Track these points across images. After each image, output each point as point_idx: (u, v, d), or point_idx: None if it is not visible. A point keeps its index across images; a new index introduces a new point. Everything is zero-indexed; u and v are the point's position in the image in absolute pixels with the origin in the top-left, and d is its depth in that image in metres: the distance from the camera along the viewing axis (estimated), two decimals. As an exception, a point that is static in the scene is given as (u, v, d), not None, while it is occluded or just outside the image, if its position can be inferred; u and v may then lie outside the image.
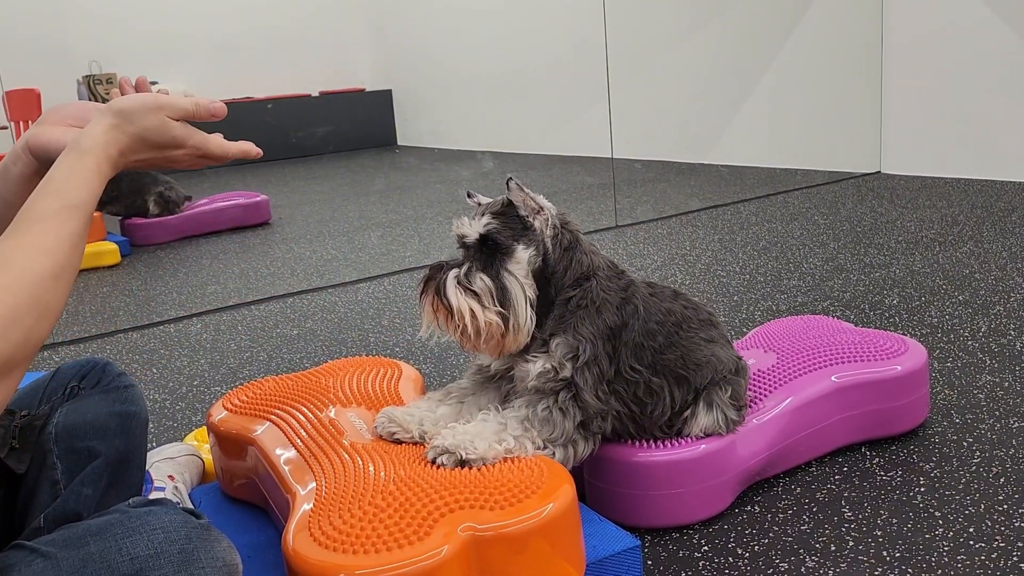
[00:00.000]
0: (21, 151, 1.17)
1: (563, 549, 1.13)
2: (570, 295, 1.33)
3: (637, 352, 1.36)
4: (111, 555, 0.90)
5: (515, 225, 1.31)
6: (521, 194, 1.30)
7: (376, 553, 1.03)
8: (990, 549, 1.32)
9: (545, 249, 1.32)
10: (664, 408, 1.40)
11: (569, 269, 1.34)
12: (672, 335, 1.41)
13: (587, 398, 1.30)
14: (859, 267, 2.99)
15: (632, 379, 1.36)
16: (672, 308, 1.43)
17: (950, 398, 1.87)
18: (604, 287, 1.35)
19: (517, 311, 1.28)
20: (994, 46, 4.34)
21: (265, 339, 2.74)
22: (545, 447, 1.28)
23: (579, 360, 1.30)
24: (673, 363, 1.40)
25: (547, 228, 1.33)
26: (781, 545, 1.38)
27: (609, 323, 1.33)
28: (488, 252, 1.30)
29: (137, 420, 1.39)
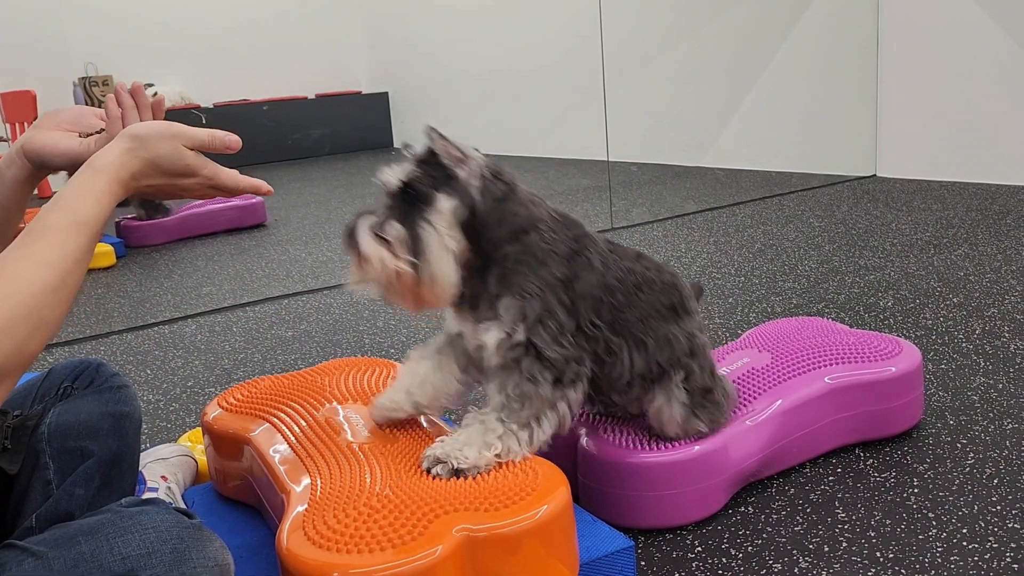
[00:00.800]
0: (16, 155, 1.17)
1: (557, 550, 1.13)
2: (507, 251, 1.26)
3: (596, 307, 1.31)
4: (103, 554, 0.90)
5: (438, 174, 1.24)
6: (442, 142, 1.23)
7: (371, 553, 1.02)
8: (983, 550, 1.32)
9: (472, 200, 1.25)
10: (623, 370, 1.35)
11: (503, 222, 1.26)
12: (632, 295, 1.35)
13: (550, 354, 1.24)
14: (854, 269, 2.99)
15: (592, 335, 1.31)
16: (633, 268, 1.37)
17: (944, 400, 1.87)
18: (546, 239, 1.28)
19: (431, 261, 1.21)
20: (990, 50, 4.35)
21: (260, 340, 2.74)
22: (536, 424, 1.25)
23: (529, 319, 1.24)
24: (632, 324, 1.35)
25: (473, 178, 1.25)
26: (775, 546, 1.38)
27: (558, 275, 1.27)
28: (408, 201, 1.23)
29: (130, 421, 1.38)
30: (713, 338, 2.40)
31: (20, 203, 1.21)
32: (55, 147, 1.17)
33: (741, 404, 1.55)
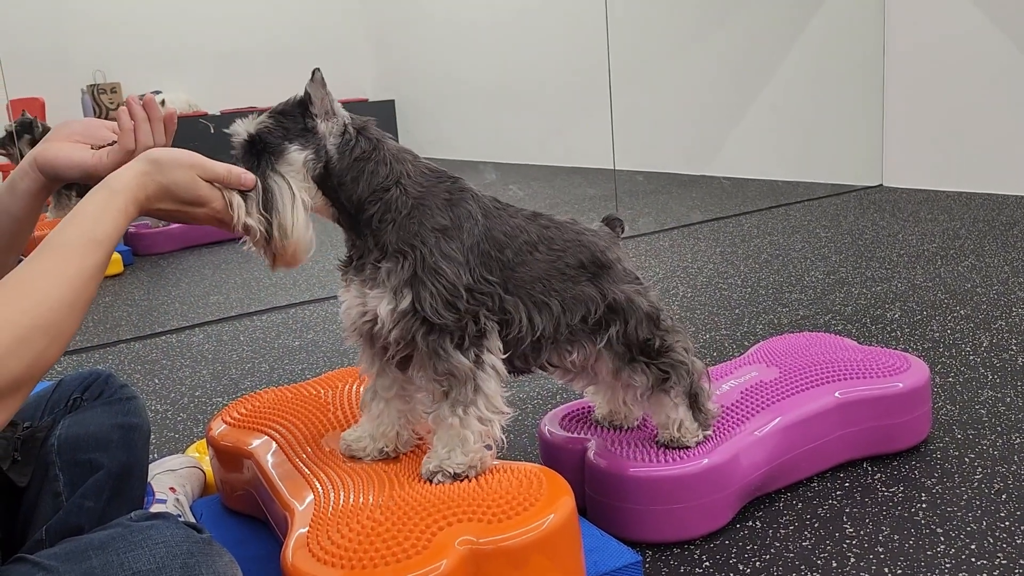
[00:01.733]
0: (29, 167, 1.18)
1: (562, 562, 1.13)
2: (371, 211, 1.22)
3: (484, 260, 1.24)
4: (113, 569, 0.90)
5: (292, 126, 1.20)
6: (322, 91, 1.19)
7: (375, 568, 1.03)
8: (992, 566, 1.32)
9: (327, 154, 1.20)
10: (521, 334, 1.28)
11: (361, 180, 1.22)
12: (523, 252, 1.29)
13: (437, 321, 1.19)
14: (861, 281, 2.99)
15: (486, 290, 1.24)
16: (524, 226, 1.31)
17: (952, 413, 1.86)
18: (413, 193, 1.22)
19: (283, 214, 1.16)
20: (996, 60, 4.35)
21: (267, 350, 2.74)
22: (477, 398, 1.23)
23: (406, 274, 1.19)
24: (528, 285, 1.29)
25: (333, 135, 1.21)
26: (782, 561, 1.38)
27: (433, 225, 1.21)
28: (256, 153, 1.19)
29: (139, 433, 1.39)
30: (719, 349, 2.40)
31: (33, 214, 1.22)
32: (68, 159, 1.18)
33: (749, 416, 1.55)
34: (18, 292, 0.89)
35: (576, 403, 1.69)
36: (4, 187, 1.20)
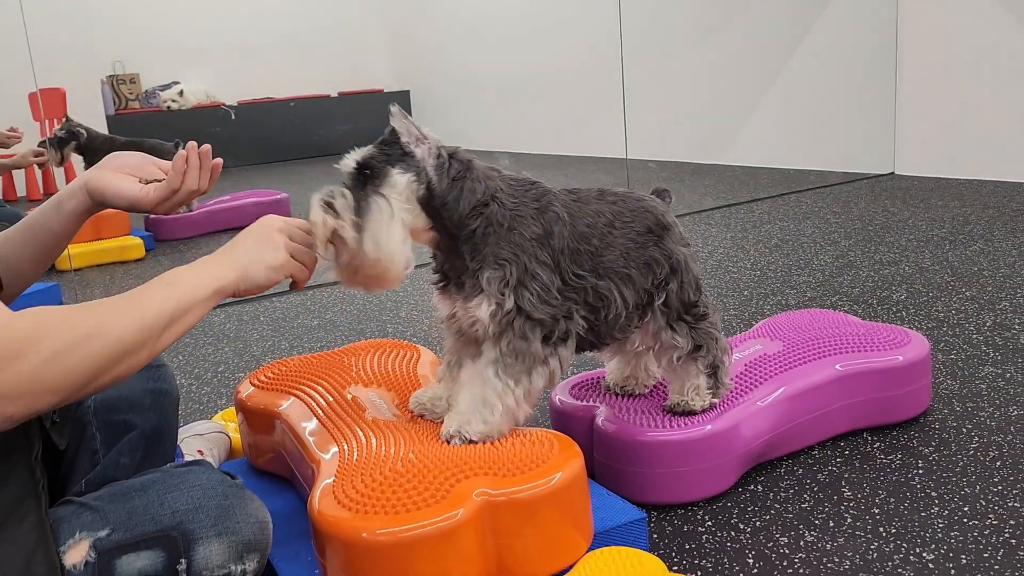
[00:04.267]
0: (79, 189, 1.29)
1: (571, 516, 1.20)
2: (473, 226, 1.30)
3: (575, 257, 1.35)
4: (154, 508, 0.98)
5: (394, 152, 1.28)
6: (404, 121, 1.28)
7: (396, 514, 1.10)
8: (983, 527, 1.38)
9: (427, 176, 1.28)
10: (618, 310, 1.39)
11: (461, 199, 1.29)
12: (606, 235, 1.39)
13: (538, 315, 1.29)
14: (869, 264, 3.03)
15: (578, 285, 1.35)
16: (600, 209, 1.41)
17: (952, 388, 1.92)
18: (509, 206, 1.31)
19: (378, 226, 1.23)
20: (1009, 48, 4.37)
21: (287, 329, 2.82)
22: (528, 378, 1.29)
23: (510, 284, 1.28)
24: (614, 263, 1.39)
25: (430, 157, 1.29)
26: (782, 521, 1.44)
27: (529, 235, 1.31)
28: (363, 180, 1.26)
29: (169, 398, 1.46)
30: (727, 328, 2.46)
31: (71, 232, 1.33)
32: (117, 189, 1.29)
33: (753, 386, 1.61)
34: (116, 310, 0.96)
35: (585, 374, 1.75)
36: (51, 204, 1.30)
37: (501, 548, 1.14)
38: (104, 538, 0.96)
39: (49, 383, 0.86)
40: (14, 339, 0.84)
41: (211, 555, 0.97)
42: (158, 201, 1.30)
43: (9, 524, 0.92)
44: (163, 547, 0.96)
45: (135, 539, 0.96)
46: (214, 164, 1.33)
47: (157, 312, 0.98)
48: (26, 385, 0.84)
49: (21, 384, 0.84)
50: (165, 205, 1.32)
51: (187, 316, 1.02)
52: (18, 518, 0.93)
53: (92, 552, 0.95)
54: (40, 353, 0.85)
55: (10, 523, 0.92)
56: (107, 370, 0.91)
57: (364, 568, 1.10)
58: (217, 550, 0.98)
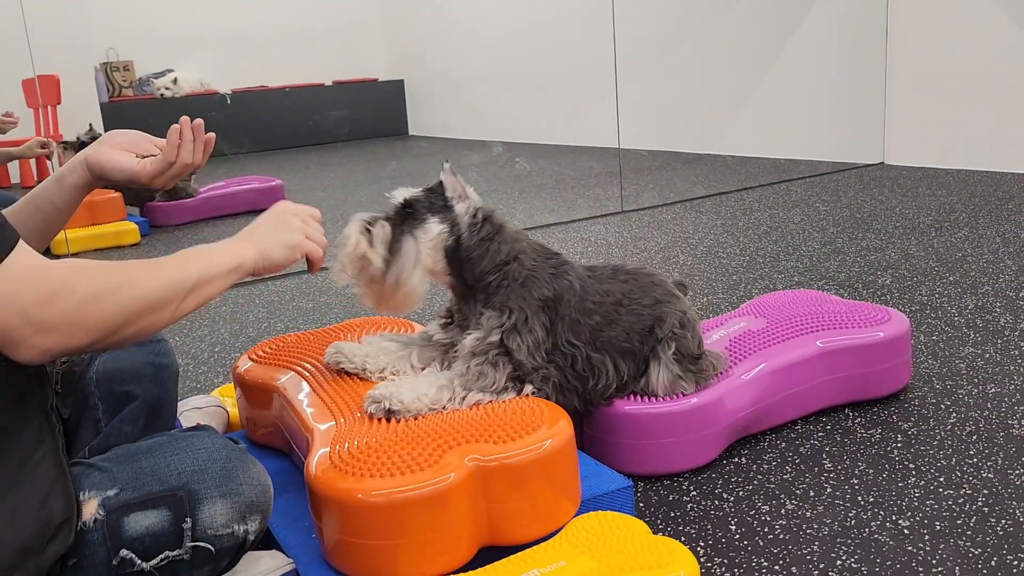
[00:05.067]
0: (79, 164, 1.35)
1: (561, 482, 1.24)
2: (490, 279, 1.41)
3: (574, 328, 1.44)
4: (160, 469, 1.02)
5: (438, 202, 1.42)
6: (452, 178, 1.41)
7: (391, 476, 1.14)
8: (957, 495, 1.43)
9: (458, 230, 1.41)
10: (608, 381, 1.48)
11: (486, 257, 1.42)
12: (611, 314, 1.48)
13: (519, 358, 1.36)
14: (856, 250, 3.08)
15: (569, 353, 1.43)
16: (611, 289, 1.51)
17: (933, 367, 1.97)
18: (528, 266, 1.42)
19: (403, 265, 1.37)
20: (998, 41, 4.42)
21: (282, 311, 2.86)
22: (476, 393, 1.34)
23: (505, 326, 1.37)
24: (616, 339, 1.48)
25: (466, 214, 1.42)
26: (764, 491, 1.49)
27: (539, 295, 1.41)
28: (404, 216, 1.40)
29: (169, 371, 1.51)
30: (716, 311, 2.50)
31: (72, 207, 1.39)
32: (116, 163, 1.35)
33: (736, 361, 1.66)
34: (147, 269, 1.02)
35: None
36: (52, 179, 1.36)
37: (492, 512, 1.19)
38: (112, 497, 1.00)
39: (82, 322, 0.92)
40: (54, 280, 0.90)
41: (215, 515, 1.01)
42: (154, 174, 1.36)
43: (29, 462, 0.97)
44: (169, 506, 1.00)
45: (142, 498, 1.00)
46: (207, 138, 1.39)
47: (183, 276, 1.04)
48: (63, 322, 0.90)
49: (59, 321, 0.90)
50: (161, 179, 1.38)
51: (209, 286, 1.08)
52: (39, 457, 0.98)
53: (101, 510, 0.99)
54: (76, 294, 0.91)
55: (30, 462, 0.97)
56: (133, 320, 0.97)
57: (359, 528, 1.14)
58: (221, 510, 1.02)
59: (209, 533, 1.02)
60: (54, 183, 1.35)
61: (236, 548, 1.05)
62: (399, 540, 1.13)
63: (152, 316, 0.99)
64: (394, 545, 1.13)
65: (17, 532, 0.93)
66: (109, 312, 0.94)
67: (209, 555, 1.03)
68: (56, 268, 0.92)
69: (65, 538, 0.97)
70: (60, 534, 0.97)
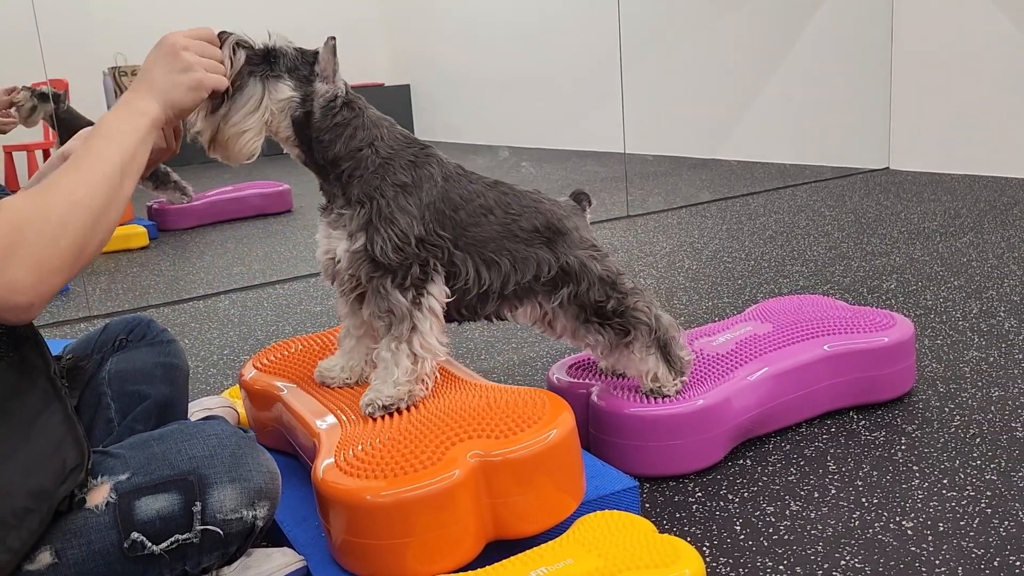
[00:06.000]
0: (58, 160, 1.38)
1: (564, 474, 1.25)
2: (343, 166, 1.37)
3: (439, 217, 1.39)
4: (172, 455, 1.04)
5: (303, 70, 1.35)
6: (330, 57, 1.35)
7: (395, 476, 1.16)
8: (960, 497, 1.44)
9: (310, 105, 1.35)
10: (468, 286, 1.43)
11: (338, 142, 1.37)
12: (478, 215, 1.43)
13: (383, 260, 1.33)
14: (861, 255, 3.09)
15: (437, 244, 1.39)
16: (481, 191, 1.45)
17: (937, 370, 1.98)
18: (383, 153, 1.37)
19: (242, 103, 1.29)
20: (1003, 45, 4.43)
21: (290, 314, 2.88)
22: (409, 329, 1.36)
23: (363, 219, 1.34)
24: (480, 244, 1.42)
25: (322, 97, 1.36)
26: (769, 492, 1.50)
27: (394, 181, 1.36)
28: (260, 62, 1.31)
29: (179, 371, 1.53)
30: (721, 316, 2.51)
31: None
32: None
33: (742, 364, 1.67)
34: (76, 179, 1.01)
35: (582, 354, 1.81)
36: (57, 156, 1.37)
37: (496, 506, 1.20)
38: (124, 481, 1.02)
39: (51, 265, 0.93)
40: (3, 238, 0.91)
41: (225, 499, 1.03)
42: None
43: (39, 420, 1.01)
44: (179, 490, 1.02)
45: (153, 482, 1.02)
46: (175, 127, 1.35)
47: (109, 167, 1.03)
48: (31, 274, 0.92)
49: (26, 274, 0.91)
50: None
51: (136, 159, 1.07)
52: (48, 415, 1.02)
53: (113, 494, 1.01)
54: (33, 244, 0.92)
55: (40, 419, 1.01)
56: (92, 236, 0.98)
57: (367, 528, 1.16)
58: (231, 495, 1.04)
59: (218, 517, 1.04)
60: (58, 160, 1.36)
61: (245, 534, 1.07)
62: (407, 539, 1.15)
63: (104, 221, 1.00)
64: (402, 544, 1.15)
65: (32, 479, 0.97)
66: (69, 242, 0.95)
67: (218, 539, 1.05)
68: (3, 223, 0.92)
69: (75, 478, 1.01)
70: (72, 476, 1.00)
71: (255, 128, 1.33)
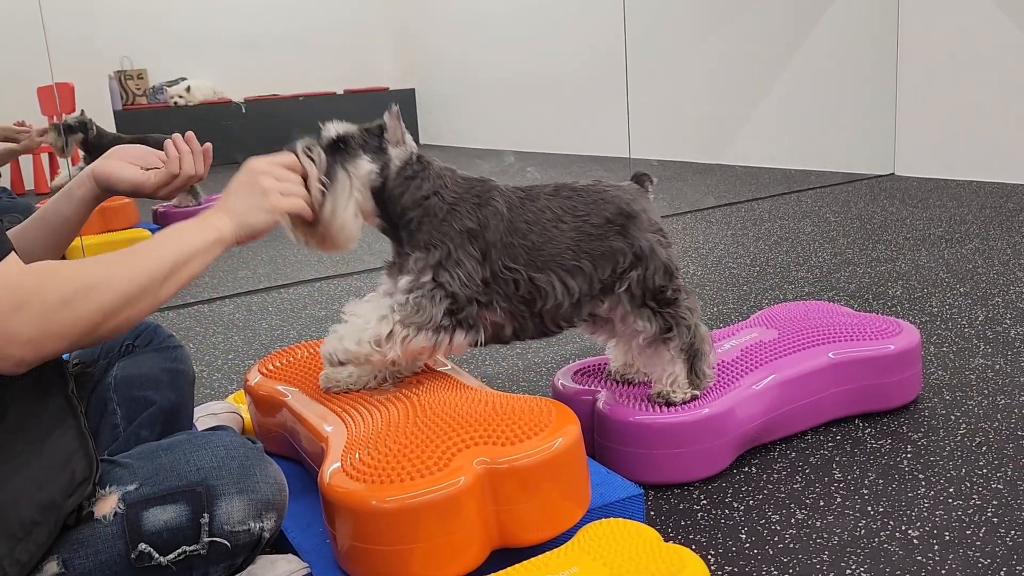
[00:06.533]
0: (87, 178, 1.39)
1: (570, 482, 1.25)
2: (411, 216, 1.42)
3: (508, 251, 1.43)
4: (180, 465, 1.04)
5: (371, 142, 1.41)
6: (396, 122, 1.42)
7: (401, 482, 1.15)
8: (967, 506, 1.43)
9: (388, 172, 1.41)
10: (558, 300, 1.46)
11: (407, 193, 1.42)
12: (549, 231, 1.46)
13: (453, 290, 1.37)
14: (866, 261, 3.09)
15: (510, 278, 1.43)
16: (548, 205, 1.48)
17: (943, 378, 1.97)
18: (448, 200, 1.42)
19: (337, 197, 1.36)
20: (1009, 52, 4.42)
21: (295, 319, 2.88)
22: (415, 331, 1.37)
23: (432, 264, 1.38)
24: (559, 256, 1.46)
25: (398, 160, 1.42)
26: (774, 500, 1.50)
27: (462, 227, 1.40)
28: (335, 151, 1.38)
29: (185, 377, 1.53)
30: (726, 321, 2.51)
31: (81, 219, 1.43)
32: (121, 174, 1.38)
33: (747, 372, 1.67)
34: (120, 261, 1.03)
35: (588, 360, 1.81)
36: (62, 194, 1.40)
37: (501, 514, 1.20)
38: (133, 491, 1.02)
39: (55, 330, 0.93)
40: (23, 289, 0.91)
41: (232, 511, 1.03)
42: (158, 185, 1.40)
43: (52, 436, 1.01)
44: (188, 501, 1.02)
45: (162, 493, 1.02)
46: (204, 149, 1.42)
47: (157, 264, 1.04)
48: (34, 331, 0.91)
49: (29, 330, 0.90)
50: (165, 189, 1.41)
51: (188, 266, 1.08)
52: (62, 429, 1.02)
53: (121, 504, 1.01)
54: (47, 302, 0.92)
55: (52, 435, 1.01)
56: (110, 318, 0.98)
57: (373, 534, 1.15)
58: (238, 507, 1.04)
59: (226, 529, 1.04)
60: (64, 197, 1.39)
61: (252, 545, 1.07)
62: (412, 545, 1.15)
63: (130, 309, 1.00)
64: (408, 550, 1.15)
65: (42, 492, 0.97)
66: (83, 314, 0.95)
67: (225, 551, 1.05)
68: (27, 276, 0.92)
69: (82, 491, 1.01)
70: (80, 489, 1.01)
71: (352, 212, 1.39)
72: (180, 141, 1.40)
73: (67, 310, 0.93)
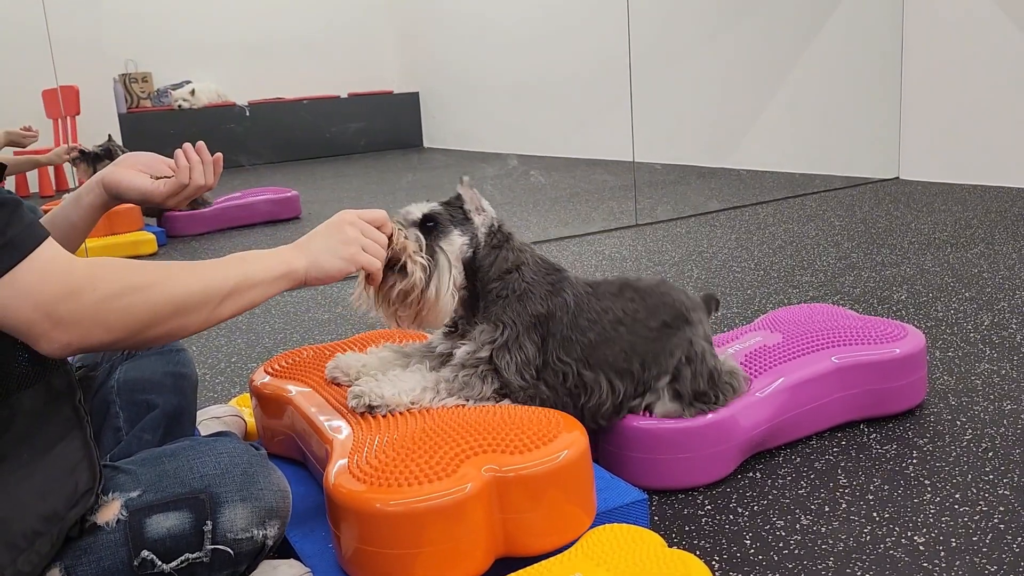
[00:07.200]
0: (96, 184, 1.39)
1: (576, 493, 1.25)
2: (493, 287, 1.45)
3: (565, 345, 1.45)
4: (183, 472, 1.04)
5: (456, 215, 1.44)
6: (471, 192, 1.44)
7: (408, 487, 1.15)
8: (973, 512, 1.42)
9: (477, 242, 1.45)
10: (601, 399, 1.48)
11: (494, 264, 1.45)
12: (609, 332, 1.48)
13: (507, 377, 1.39)
14: (871, 265, 3.08)
15: (560, 370, 1.45)
16: (611, 307, 1.50)
17: (948, 383, 1.96)
18: (527, 279, 1.45)
19: (440, 277, 1.38)
20: (1014, 55, 4.41)
21: (298, 322, 2.88)
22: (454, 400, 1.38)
23: (497, 342, 1.40)
24: (612, 358, 1.48)
25: (483, 227, 1.46)
26: (779, 506, 1.49)
27: (533, 311, 1.43)
28: (425, 231, 1.40)
29: (188, 381, 1.53)
30: (730, 326, 2.50)
31: (89, 225, 1.43)
32: (130, 183, 1.39)
33: (751, 377, 1.66)
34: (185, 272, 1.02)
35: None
36: (71, 199, 1.41)
37: (508, 522, 1.19)
38: (135, 498, 1.02)
39: (104, 320, 0.92)
40: (78, 276, 0.91)
41: (236, 518, 1.03)
42: (168, 194, 1.40)
43: (59, 444, 1.01)
44: (191, 508, 1.02)
45: (164, 500, 1.02)
46: (215, 159, 1.43)
47: (220, 281, 1.03)
48: (83, 318, 0.90)
49: (78, 317, 0.90)
50: (174, 199, 1.42)
51: (251, 292, 1.07)
52: (68, 440, 1.01)
53: (123, 511, 1.01)
54: (98, 291, 0.91)
55: (60, 444, 1.01)
56: (161, 322, 0.96)
57: (377, 537, 1.15)
58: (241, 514, 1.03)
59: (229, 537, 1.04)
60: (72, 203, 1.39)
61: (255, 553, 1.07)
62: (417, 549, 1.14)
63: (181, 319, 0.98)
64: (412, 554, 1.14)
65: (46, 502, 0.96)
66: (133, 311, 0.94)
67: (228, 559, 1.04)
68: (83, 265, 0.92)
69: (85, 502, 1.00)
70: (83, 499, 1.00)
71: (453, 292, 1.40)
72: (191, 151, 1.39)
73: (118, 303, 0.93)
